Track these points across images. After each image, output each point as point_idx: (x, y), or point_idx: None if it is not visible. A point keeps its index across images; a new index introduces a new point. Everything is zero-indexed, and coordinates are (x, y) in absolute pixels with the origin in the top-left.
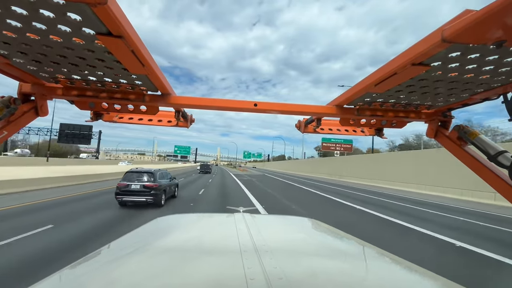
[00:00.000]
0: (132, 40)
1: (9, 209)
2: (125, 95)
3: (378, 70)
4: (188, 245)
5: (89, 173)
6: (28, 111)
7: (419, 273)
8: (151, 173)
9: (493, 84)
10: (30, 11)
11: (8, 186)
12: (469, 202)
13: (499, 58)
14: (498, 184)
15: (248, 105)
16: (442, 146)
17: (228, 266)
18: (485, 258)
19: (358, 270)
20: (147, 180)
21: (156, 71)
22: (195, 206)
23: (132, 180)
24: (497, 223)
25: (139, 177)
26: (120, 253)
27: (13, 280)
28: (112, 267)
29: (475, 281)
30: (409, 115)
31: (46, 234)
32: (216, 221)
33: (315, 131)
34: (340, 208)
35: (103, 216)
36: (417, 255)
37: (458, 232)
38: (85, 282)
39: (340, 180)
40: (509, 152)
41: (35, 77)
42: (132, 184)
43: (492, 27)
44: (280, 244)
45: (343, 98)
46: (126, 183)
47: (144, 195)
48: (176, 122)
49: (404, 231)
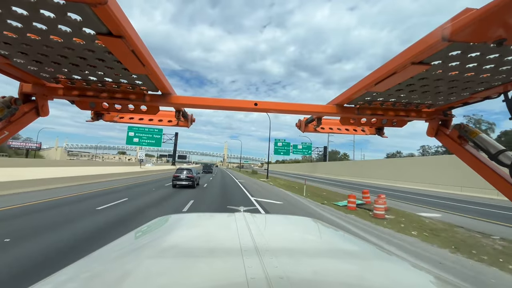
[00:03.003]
0: (133, 40)
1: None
2: (125, 95)
3: (378, 69)
4: (189, 244)
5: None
6: (29, 111)
7: (420, 272)
8: (190, 169)
9: (494, 83)
10: (31, 12)
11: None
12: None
13: (499, 57)
14: (499, 183)
15: (249, 105)
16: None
17: (228, 265)
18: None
19: (359, 270)
20: (188, 173)
21: (157, 71)
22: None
23: (181, 173)
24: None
25: (184, 171)
26: (120, 253)
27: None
28: (112, 267)
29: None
30: (409, 114)
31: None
32: (217, 221)
33: (316, 130)
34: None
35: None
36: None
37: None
38: (85, 282)
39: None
40: (509, 151)
41: (36, 77)
42: (180, 175)
43: (492, 25)
44: (280, 243)
45: (344, 97)
46: (177, 175)
47: (186, 181)
48: (176, 121)
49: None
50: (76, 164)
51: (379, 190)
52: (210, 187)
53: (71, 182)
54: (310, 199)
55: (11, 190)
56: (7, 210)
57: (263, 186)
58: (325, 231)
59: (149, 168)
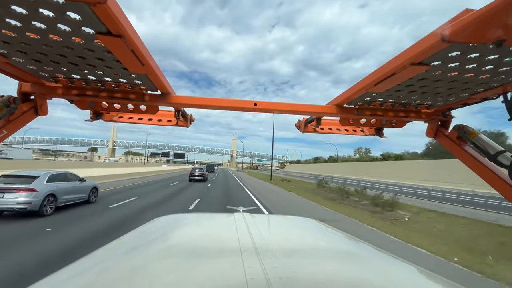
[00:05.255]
0: (132, 40)
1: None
2: (125, 94)
3: (378, 70)
4: (188, 244)
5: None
6: (28, 111)
7: (419, 272)
8: (202, 168)
9: (493, 84)
10: (30, 11)
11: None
12: None
13: (498, 58)
14: (498, 184)
15: (248, 105)
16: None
17: (228, 265)
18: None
19: (358, 270)
20: (200, 171)
21: (156, 70)
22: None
23: (195, 171)
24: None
25: (197, 170)
26: (120, 253)
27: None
28: (111, 267)
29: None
30: (409, 114)
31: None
32: (216, 221)
33: (315, 130)
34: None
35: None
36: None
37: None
38: (85, 282)
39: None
40: (508, 152)
41: (35, 77)
42: (194, 172)
43: (491, 26)
44: (280, 243)
45: (343, 97)
46: (193, 172)
47: (199, 177)
48: (176, 121)
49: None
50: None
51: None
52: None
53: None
54: None
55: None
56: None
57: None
58: (325, 232)
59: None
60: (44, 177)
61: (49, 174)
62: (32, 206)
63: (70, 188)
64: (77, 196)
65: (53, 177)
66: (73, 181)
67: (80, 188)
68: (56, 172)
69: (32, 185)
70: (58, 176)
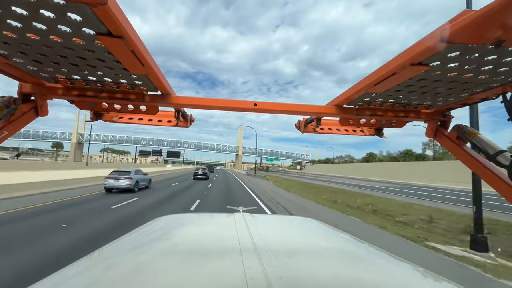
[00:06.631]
0: (132, 40)
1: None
2: (125, 95)
3: (378, 70)
4: (188, 244)
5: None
6: (28, 111)
7: (419, 273)
8: (204, 168)
9: (492, 84)
10: (30, 11)
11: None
12: None
13: (498, 58)
14: (498, 184)
15: (248, 105)
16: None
17: (228, 265)
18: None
19: (358, 270)
20: (203, 170)
21: (156, 71)
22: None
23: (198, 170)
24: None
25: (200, 169)
26: (120, 253)
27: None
28: (114, 266)
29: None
30: (408, 115)
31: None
32: (216, 221)
33: (315, 131)
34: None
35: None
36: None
37: None
38: (88, 281)
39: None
40: (508, 152)
41: (35, 77)
42: (198, 171)
43: (491, 27)
44: (280, 243)
45: (343, 98)
46: (196, 171)
47: (202, 175)
48: (176, 122)
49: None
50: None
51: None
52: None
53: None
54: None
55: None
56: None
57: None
58: (325, 232)
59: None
60: (133, 171)
61: (134, 170)
62: (131, 186)
63: (141, 178)
64: (144, 183)
65: (135, 171)
66: (142, 174)
67: (145, 178)
68: (136, 169)
69: (130, 175)
70: (137, 171)
